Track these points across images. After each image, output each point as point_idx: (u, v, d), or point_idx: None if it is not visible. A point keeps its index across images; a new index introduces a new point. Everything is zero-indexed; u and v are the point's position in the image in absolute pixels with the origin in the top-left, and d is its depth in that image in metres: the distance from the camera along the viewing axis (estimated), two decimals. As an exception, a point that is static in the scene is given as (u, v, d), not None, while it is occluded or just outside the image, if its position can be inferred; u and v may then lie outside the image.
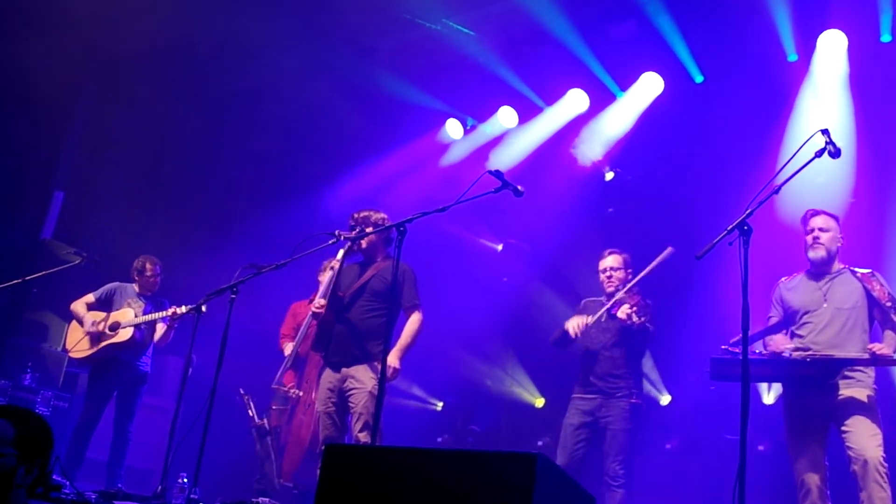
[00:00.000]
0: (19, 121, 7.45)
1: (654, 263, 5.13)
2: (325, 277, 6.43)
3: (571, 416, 5.27)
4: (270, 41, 7.78)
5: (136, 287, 6.68)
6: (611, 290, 5.32)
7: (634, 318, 4.87)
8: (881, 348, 4.30)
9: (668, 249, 5.09)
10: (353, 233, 4.93)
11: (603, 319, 5.22)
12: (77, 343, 6.52)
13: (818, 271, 4.68)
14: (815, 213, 4.68)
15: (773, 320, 4.81)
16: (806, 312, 4.62)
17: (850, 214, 5.44)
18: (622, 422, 5.08)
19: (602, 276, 5.43)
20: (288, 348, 6.39)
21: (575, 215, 7.92)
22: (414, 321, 4.92)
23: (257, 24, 7.59)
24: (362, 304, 4.95)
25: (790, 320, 4.73)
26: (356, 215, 5.08)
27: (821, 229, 4.63)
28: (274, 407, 6.46)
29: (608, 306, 5.16)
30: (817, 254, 4.62)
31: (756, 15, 6.68)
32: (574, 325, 5.21)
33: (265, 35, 7.69)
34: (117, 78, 8.04)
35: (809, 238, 4.66)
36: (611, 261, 5.41)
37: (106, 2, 7.67)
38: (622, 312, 4.95)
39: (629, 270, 5.37)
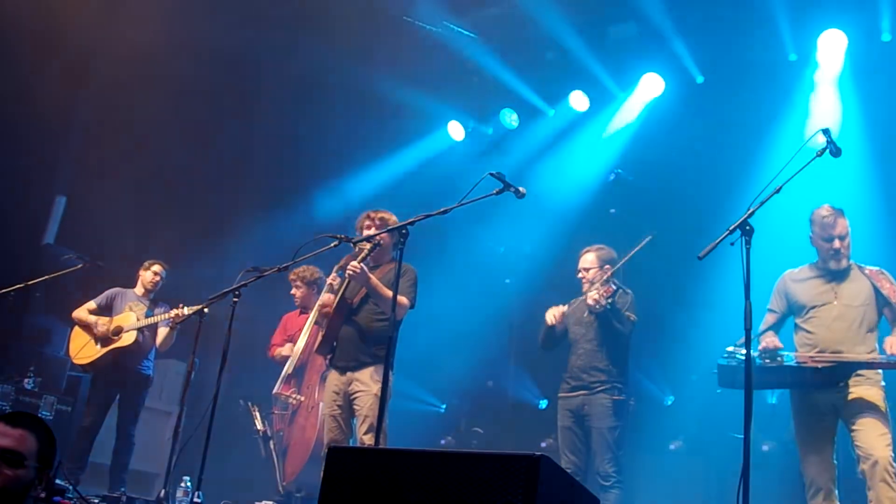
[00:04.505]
0: (21, 125, 7.44)
1: (631, 252, 5.25)
2: (301, 290, 6.45)
3: (562, 419, 5.31)
4: (270, 45, 7.79)
5: (138, 290, 6.68)
6: (586, 288, 5.36)
7: (602, 302, 5.03)
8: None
9: (648, 237, 5.22)
10: (361, 235, 4.92)
11: (584, 316, 5.28)
12: (81, 349, 6.51)
13: (827, 267, 4.62)
14: (834, 216, 4.53)
15: (773, 316, 4.75)
16: (814, 307, 4.58)
17: (850, 213, 5.42)
18: (606, 419, 5.08)
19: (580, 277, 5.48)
20: (286, 349, 6.38)
21: (576, 216, 7.92)
22: (399, 301, 4.49)
23: (256, 29, 7.60)
24: (370, 309, 4.94)
25: (795, 313, 4.69)
26: (373, 215, 5.06)
27: (840, 238, 4.54)
28: (275, 412, 6.45)
29: (583, 298, 5.27)
30: (840, 265, 4.57)
31: (756, 15, 6.69)
32: (551, 313, 5.38)
33: (264, 39, 7.71)
34: (118, 82, 8.04)
35: (829, 247, 4.54)
36: (583, 262, 5.47)
37: (106, 5, 7.69)
38: (590, 298, 5.10)
39: (606, 267, 5.37)
